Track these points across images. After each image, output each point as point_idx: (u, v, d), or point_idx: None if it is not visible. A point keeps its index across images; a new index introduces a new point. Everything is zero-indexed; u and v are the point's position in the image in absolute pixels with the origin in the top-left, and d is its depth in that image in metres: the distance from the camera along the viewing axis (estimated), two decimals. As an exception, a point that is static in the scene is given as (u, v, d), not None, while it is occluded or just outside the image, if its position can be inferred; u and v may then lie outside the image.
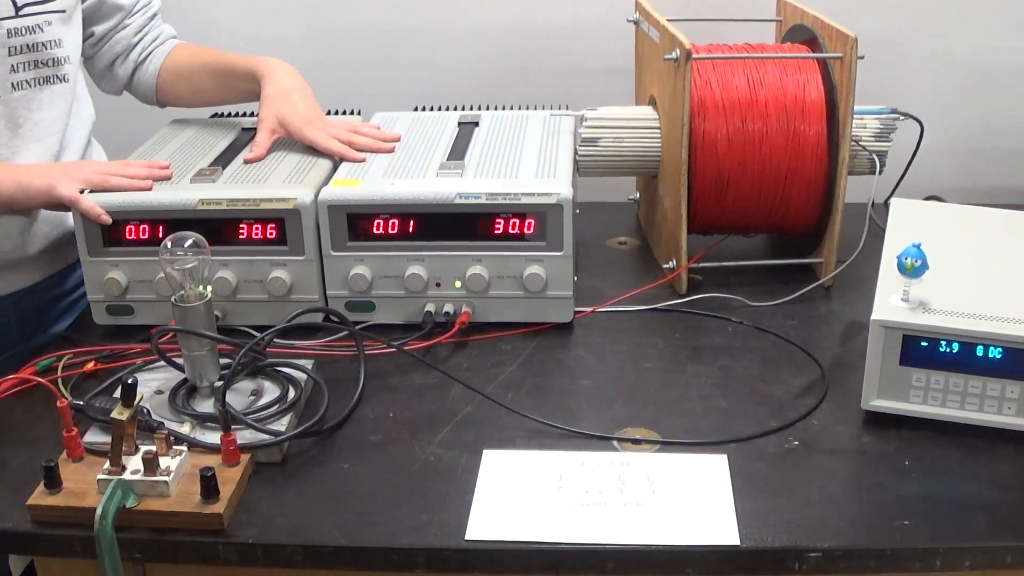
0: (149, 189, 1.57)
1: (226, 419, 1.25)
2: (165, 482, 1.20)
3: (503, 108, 1.94)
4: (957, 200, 1.75)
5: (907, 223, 1.54)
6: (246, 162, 1.65)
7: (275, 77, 1.73)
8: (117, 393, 1.22)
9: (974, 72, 2.14)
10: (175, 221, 1.53)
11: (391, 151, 1.70)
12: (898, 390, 1.32)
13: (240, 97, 1.82)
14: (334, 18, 2.19)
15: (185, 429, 1.30)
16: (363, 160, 1.66)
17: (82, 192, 1.54)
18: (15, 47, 1.60)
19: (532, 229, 1.54)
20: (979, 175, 2.21)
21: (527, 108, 1.94)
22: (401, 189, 1.55)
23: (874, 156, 1.73)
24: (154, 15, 1.85)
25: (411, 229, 1.55)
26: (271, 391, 1.38)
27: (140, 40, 1.82)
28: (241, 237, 1.56)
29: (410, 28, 2.18)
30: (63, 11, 1.66)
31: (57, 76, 1.66)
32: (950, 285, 1.35)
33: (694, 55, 1.59)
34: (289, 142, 1.73)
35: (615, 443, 1.34)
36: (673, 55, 1.60)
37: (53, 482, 1.21)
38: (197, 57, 1.84)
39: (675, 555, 1.16)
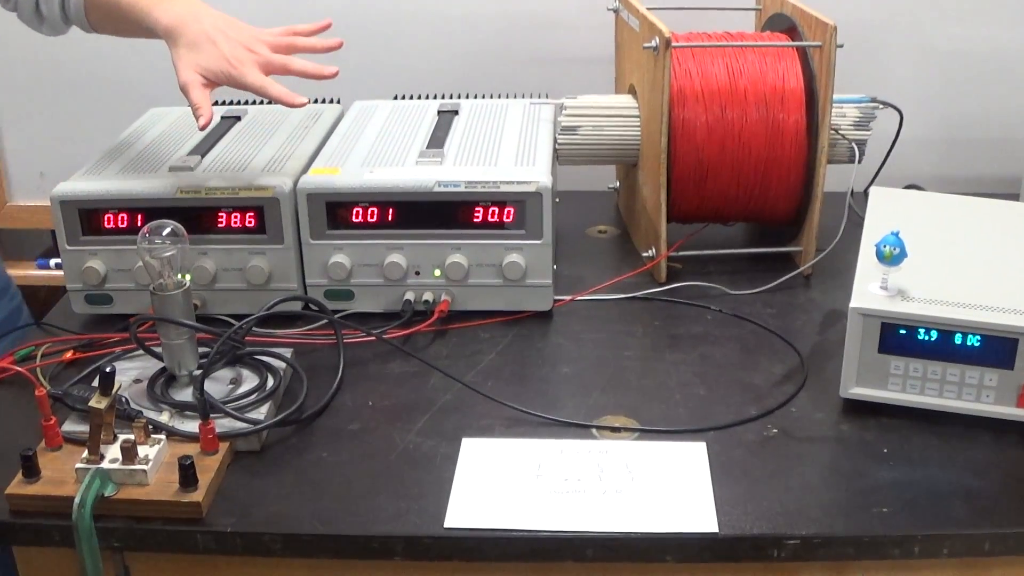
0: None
1: (205, 408, 1.25)
2: (143, 471, 1.19)
3: (483, 97, 1.94)
4: (936, 189, 1.75)
5: (886, 211, 1.55)
6: (201, 130, 1.50)
7: (179, 34, 1.50)
8: (95, 382, 1.22)
9: (954, 61, 2.15)
10: (153, 210, 1.52)
11: (334, 75, 1.53)
12: (877, 378, 1.33)
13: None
14: (313, 5, 2.18)
15: (164, 418, 1.30)
16: (304, 103, 1.51)
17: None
18: None
19: (511, 217, 1.54)
20: (958, 164, 2.21)
21: (507, 97, 1.94)
22: (380, 177, 1.55)
23: (853, 145, 1.74)
24: None
25: (390, 217, 1.55)
26: (250, 380, 1.38)
27: None
28: (220, 226, 1.55)
29: (390, 16, 2.18)
30: None
31: None
32: (929, 273, 1.35)
33: (673, 43, 1.59)
34: (265, 132, 1.73)
35: (594, 431, 1.34)
36: (652, 43, 1.60)
37: (31, 471, 1.20)
38: None
39: (654, 542, 1.16)
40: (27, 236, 2.45)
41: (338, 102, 1.93)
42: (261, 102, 1.91)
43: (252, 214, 1.54)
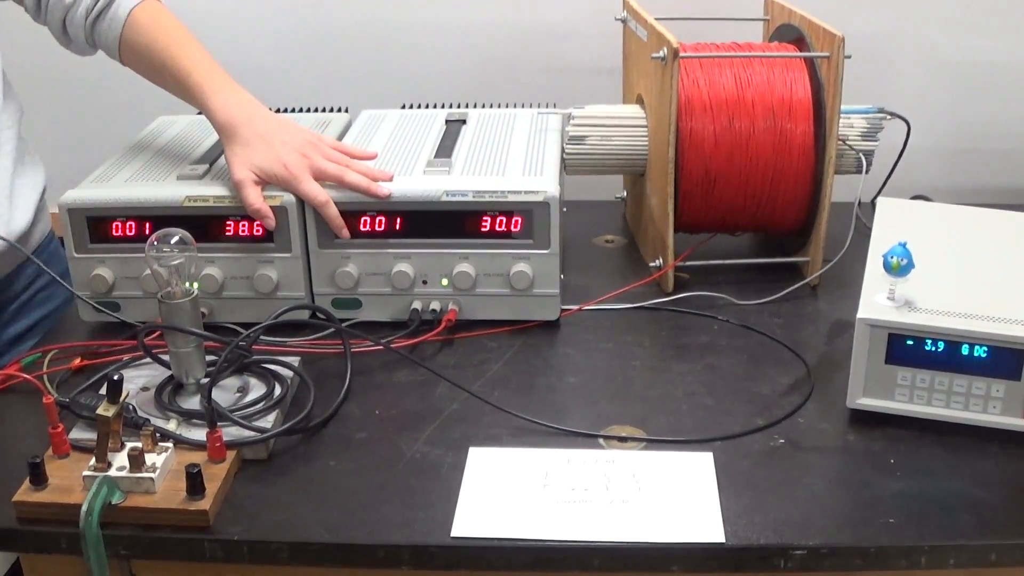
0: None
1: (212, 416, 1.25)
2: (151, 479, 1.19)
3: (490, 106, 1.94)
4: (943, 199, 1.75)
5: (893, 222, 1.55)
6: (267, 226, 1.54)
7: (234, 132, 1.56)
8: (103, 390, 1.22)
9: (961, 71, 2.15)
10: (161, 218, 1.53)
11: (385, 196, 1.55)
12: (883, 389, 1.33)
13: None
14: (322, 14, 2.19)
15: (171, 426, 1.30)
16: (347, 236, 1.55)
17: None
18: None
19: (519, 227, 1.54)
20: (966, 174, 2.22)
21: (514, 106, 1.94)
22: (388, 186, 1.55)
23: (861, 155, 1.74)
24: None
25: (398, 227, 1.55)
26: (257, 388, 1.38)
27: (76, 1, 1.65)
28: (227, 234, 1.55)
29: (398, 25, 2.18)
30: None
31: None
32: (936, 284, 1.35)
33: (681, 53, 1.59)
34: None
35: (601, 441, 1.34)
36: (660, 53, 1.60)
37: (39, 478, 1.21)
38: (156, 49, 1.62)
39: (661, 552, 1.16)
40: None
41: (346, 111, 1.93)
42: (269, 109, 1.91)
43: (260, 223, 1.54)
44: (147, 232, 1.52)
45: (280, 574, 1.23)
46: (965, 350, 1.28)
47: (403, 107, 1.96)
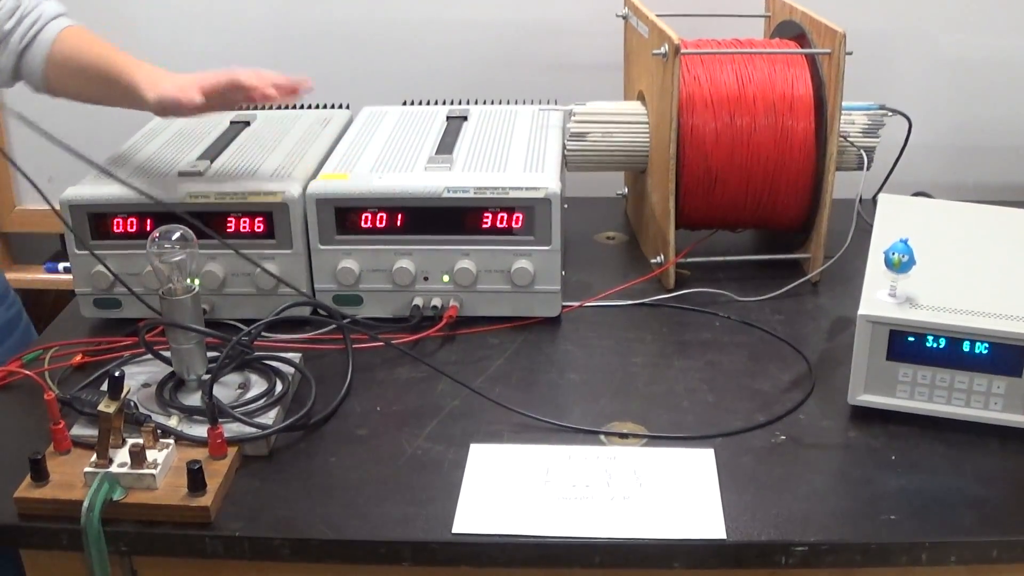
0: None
1: (213, 412, 1.25)
2: (152, 475, 1.19)
3: (492, 103, 1.94)
4: (945, 196, 1.75)
5: (894, 219, 1.55)
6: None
7: (153, 81, 1.53)
8: (104, 386, 1.22)
9: (963, 68, 2.15)
10: (163, 214, 1.53)
11: (273, 97, 1.54)
12: (885, 385, 1.33)
13: (130, 106, 1.61)
14: (322, 10, 2.18)
15: (172, 422, 1.30)
16: (274, 95, 1.53)
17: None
18: None
19: (520, 223, 1.54)
20: (967, 171, 2.21)
21: (516, 103, 1.94)
22: (389, 183, 1.55)
23: (862, 152, 1.74)
24: None
25: (399, 223, 1.55)
26: (258, 384, 1.38)
27: (15, 27, 1.59)
28: (229, 231, 1.55)
29: (399, 21, 2.18)
30: None
31: None
32: (937, 281, 1.35)
33: (683, 50, 1.59)
34: (274, 137, 1.73)
35: (602, 437, 1.34)
36: (661, 50, 1.60)
37: (40, 475, 1.21)
38: (81, 53, 1.60)
39: (662, 548, 1.16)
40: (36, 240, 2.46)
41: (347, 107, 1.93)
42: (270, 107, 1.91)
43: (261, 219, 1.54)
44: (148, 229, 1.52)
45: (281, 570, 1.23)
46: (966, 347, 1.28)
47: (404, 103, 1.96)
